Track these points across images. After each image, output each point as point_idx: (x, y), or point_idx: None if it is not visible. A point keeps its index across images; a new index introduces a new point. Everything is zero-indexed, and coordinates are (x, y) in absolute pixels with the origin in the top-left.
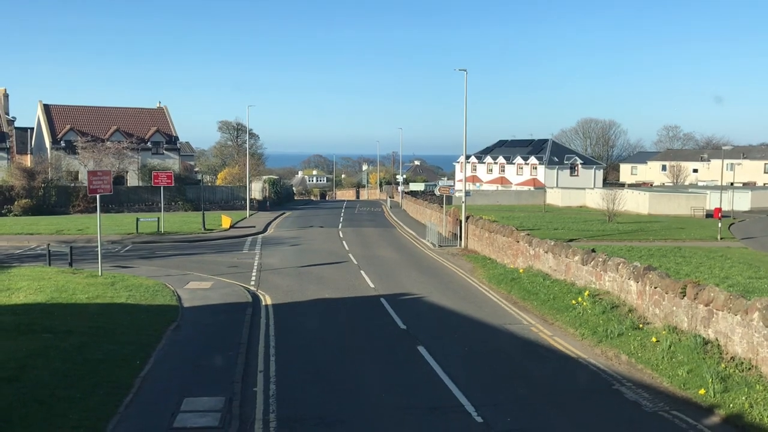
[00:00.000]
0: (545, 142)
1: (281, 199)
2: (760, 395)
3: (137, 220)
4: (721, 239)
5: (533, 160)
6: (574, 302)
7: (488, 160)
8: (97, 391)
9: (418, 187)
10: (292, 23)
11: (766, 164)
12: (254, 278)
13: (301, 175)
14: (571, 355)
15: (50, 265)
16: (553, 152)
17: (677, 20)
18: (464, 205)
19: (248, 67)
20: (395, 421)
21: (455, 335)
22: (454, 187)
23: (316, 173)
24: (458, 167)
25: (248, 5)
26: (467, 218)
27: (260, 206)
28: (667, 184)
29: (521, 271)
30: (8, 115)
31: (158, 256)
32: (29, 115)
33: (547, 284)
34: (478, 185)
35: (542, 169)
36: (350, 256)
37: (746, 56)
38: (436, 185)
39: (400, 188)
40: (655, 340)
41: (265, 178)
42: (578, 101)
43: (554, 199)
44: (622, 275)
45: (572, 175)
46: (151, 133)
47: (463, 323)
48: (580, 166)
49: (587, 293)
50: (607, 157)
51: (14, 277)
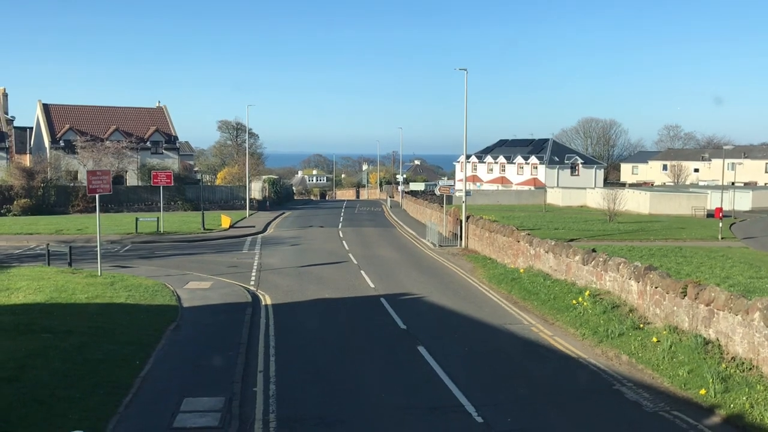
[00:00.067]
0: (546, 141)
1: (281, 198)
2: (760, 395)
3: (136, 219)
4: (722, 239)
5: (534, 159)
6: (574, 302)
7: (489, 159)
8: (96, 391)
9: (418, 186)
10: (292, 23)
11: (767, 164)
12: (254, 278)
13: (300, 174)
14: (571, 355)
15: (49, 264)
16: (553, 152)
17: (677, 20)
18: (464, 204)
19: (248, 67)
20: (395, 421)
21: (455, 335)
22: (454, 186)
23: (316, 173)
24: (458, 167)
25: (248, 5)
26: (467, 218)
27: (260, 206)
28: (668, 183)
29: (522, 271)
30: (7, 114)
31: (158, 255)
32: (28, 114)
33: (547, 284)
34: (478, 185)
35: (543, 168)
36: (350, 255)
37: (746, 56)
38: (436, 185)
39: (400, 188)
40: (655, 340)
41: (264, 177)
42: (579, 101)
43: (555, 198)
44: (622, 275)
45: (573, 174)
46: (150, 132)
47: (463, 323)
48: (580, 165)
49: (588, 293)
50: (607, 156)
51: (13, 276)
